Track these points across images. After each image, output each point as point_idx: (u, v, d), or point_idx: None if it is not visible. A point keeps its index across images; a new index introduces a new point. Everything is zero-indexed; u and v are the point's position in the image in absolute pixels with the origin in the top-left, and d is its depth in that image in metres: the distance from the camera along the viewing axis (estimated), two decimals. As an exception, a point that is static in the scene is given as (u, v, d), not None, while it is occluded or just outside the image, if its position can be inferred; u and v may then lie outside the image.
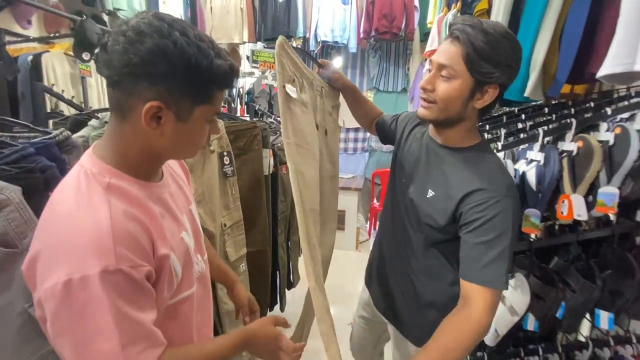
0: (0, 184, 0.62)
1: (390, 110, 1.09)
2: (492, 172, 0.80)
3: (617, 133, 0.94)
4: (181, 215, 0.68)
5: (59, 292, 0.47)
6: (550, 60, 0.95)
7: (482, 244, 0.75)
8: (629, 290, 0.98)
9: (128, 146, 0.57)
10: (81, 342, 0.50)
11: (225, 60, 0.57)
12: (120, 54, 0.50)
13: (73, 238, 0.49)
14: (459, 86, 0.76)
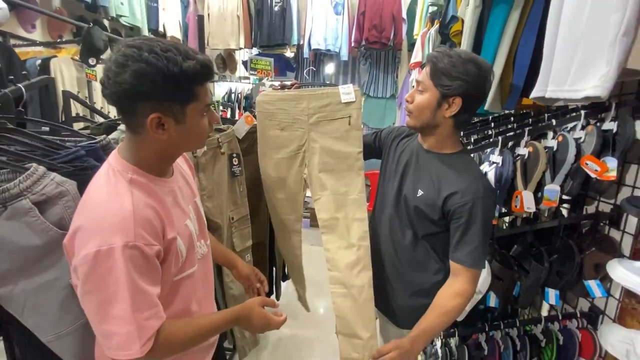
0: (61, 178, 0.78)
1: (380, 114, 1.22)
2: (472, 175, 0.98)
3: (560, 141, 1.14)
4: (187, 206, 0.82)
5: (90, 259, 0.61)
6: (506, 79, 1.14)
7: (466, 236, 0.95)
8: (570, 271, 1.18)
9: (144, 151, 0.71)
10: (102, 302, 0.64)
11: (194, 59, 0.65)
12: (113, 86, 0.62)
13: (103, 219, 0.64)
14: (427, 97, 0.96)
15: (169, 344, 0.71)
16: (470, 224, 0.94)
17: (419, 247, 1.07)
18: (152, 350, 0.68)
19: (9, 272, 0.78)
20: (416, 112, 0.99)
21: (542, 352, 1.30)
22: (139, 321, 0.65)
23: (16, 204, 0.75)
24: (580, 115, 1.16)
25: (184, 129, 0.70)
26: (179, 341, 0.73)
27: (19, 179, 0.74)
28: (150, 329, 0.67)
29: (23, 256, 0.78)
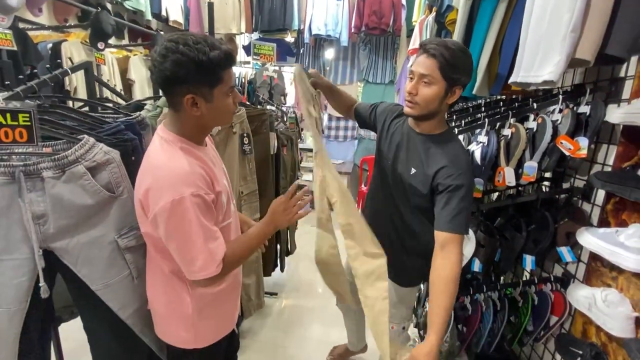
0: (108, 148, 0.91)
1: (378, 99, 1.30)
2: (456, 152, 1.09)
3: (539, 122, 1.27)
4: (220, 168, 1.00)
5: (168, 208, 0.79)
6: (493, 66, 1.27)
7: (450, 205, 1.05)
8: (545, 239, 1.33)
9: (185, 124, 0.87)
10: (182, 238, 0.83)
11: (219, 49, 0.80)
12: (158, 73, 0.79)
13: (171, 177, 0.81)
14: (436, 90, 1.04)
15: (233, 260, 0.92)
16: (455, 193, 1.04)
17: (414, 218, 1.19)
18: (224, 268, 0.89)
19: (67, 227, 0.92)
20: (423, 104, 1.06)
21: (519, 311, 1.48)
22: (211, 249, 0.85)
23: (73, 169, 0.88)
24: (559, 99, 1.29)
25: (212, 107, 0.85)
26: (237, 258, 0.93)
27: (75, 148, 0.87)
28: (219, 254, 0.87)
29: (78, 214, 0.92)
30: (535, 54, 0.91)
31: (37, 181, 0.88)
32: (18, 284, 0.90)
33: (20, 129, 0.78)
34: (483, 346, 1.51)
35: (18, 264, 0.90)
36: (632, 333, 1.06)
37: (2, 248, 0.88)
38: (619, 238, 1.08)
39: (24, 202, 0.86)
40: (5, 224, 0.87)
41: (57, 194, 0.89)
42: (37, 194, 0.88)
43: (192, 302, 0.95)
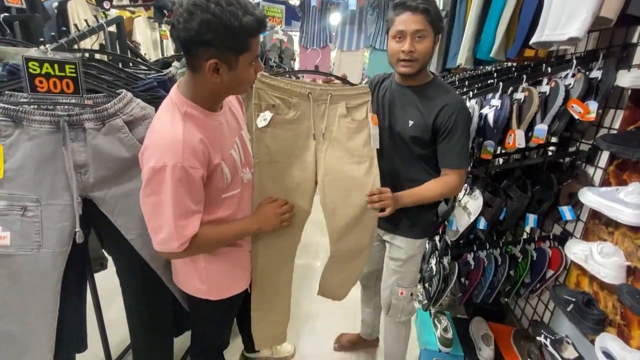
0: (144, 104, 0.95)
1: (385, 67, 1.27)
2: (449, 94, 1.17)
3: (552, 86, 1.32)
4: (232, 137, 0.97)
5: (149, 172, 0.78)
6: (511, 30, 1.28)
7: (451, 143, 1.15)
8: (548, 199, 1.42)
9: (199, 88, 0.83)
10: (153, 205, 0.81)
11: (252, 15, 0.74)
12: (182, 31, 0.73)
13: (160, 143, 0.79)
14: (430, 42, 1.11)
15: (202, 244, 0.89)
16: (455, 130, 1.13)
17: (415, 166, 1.25)
18: (188, 249, 0.86)
19: (105, 178, 0.98)
20: (422, 58, 1.12)
21: (518, 265, 1.59)
22: (178, 226, 0.81)
23: (112, 121, 0.92)
24: (573, 64, 1.32)
25: (235, 75, 0.81)
26: (209, 243, 0.93)
27: (114, 101, 0.91)
28: (186, 234, 0.84)
29: (115, 165, 0.97)
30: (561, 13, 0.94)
31: (80, 131, 0.92)
32: (61, 227, 0.96)
33: (67, 79, 0.82)
34: (483, 297, 1.64)
35: (62, 209, 0.95)
36: (623, 280, 1.17)
37: (48, 193, 0.93)
38: (619, 195, 1.16)
39: (67, 151, 0.91)
40: (51, 171, 0.92)
41: (97, 145, 0.93)
42: (79, 144, 0.93)
43: (203, 257, 0.98)
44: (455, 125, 1.13)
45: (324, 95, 1.11)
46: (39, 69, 0.81)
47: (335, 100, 1.13)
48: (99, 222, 1.07)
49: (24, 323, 0.99)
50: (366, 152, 1.16)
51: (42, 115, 0.87)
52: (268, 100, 1.08)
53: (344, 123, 1.14)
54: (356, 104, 1.16)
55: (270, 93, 1.08)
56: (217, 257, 0.99)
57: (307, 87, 1.10)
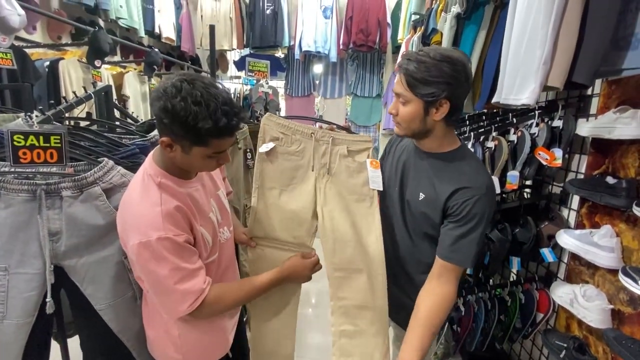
0: (124, 171, 0.97)
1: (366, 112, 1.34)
2: (473, 172, 0.93)
3: (519, 135, 1.40)
4: (209, 200, 0.95)
5: (135, 250, 0.78)
6: (476, 86, 1.39)
7: (460, 232, 0.90)
8: (529, 241, 1.45)
9: (167, 159, 0.84)
10: (152, 281, 0.82)
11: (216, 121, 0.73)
12: (150, 106, 0.83)
13: (140, 218, 0.79)
14: (413, 108, 0.91)
15: (219, 302, 0.88)
16: (470, 220, 0.89)
17: (426, 250, 1.03)
18: (201, 308, 0.85)
19: (78, 246, 0.96)
20: (404, 124, 0.95)
21: (508, 309, 1.58)
22: (182, 290, 0.81)
23: (90, 189, 0.93)
24: (535, 114, 1.43)
25: (188, 158, 0.81)
26: (229, 300, 0.91)
27: (94, 170, 0.93)
28: (192, 294, 0.83)
29: (89, 233, 0.95)
30: (514, 80, 1.04)
31: (56, 199, 0.92)
32: (28, 297, 0.93)
33: (51, 150, 0.84)
34: (476, 345, 1.60)
35: (30, 278, 0.92)
36: (608, 323, 1.17)
37: (17, 261, 0.91)
38: (593, 238, 1.19)
39: (42, 219, 0.90)
40: (23, 238, 0.90)
41: (72, 212, 0.92)
42: (55, 212, 0.92)
43: (175, 324, 0.93)
44: (470, 215, 0.89)
45: (326, 137, 1.14)
46: (24, 141, 0.83)
47: (337, 143, 1.14)
48: (69, 290, 1.03)
49: None
50: (366, 191, 1.13)
51: (20, 184, 0.87)
52: (272, 134, 1.11)
53: (344, 162, 1.15)
54: (357, 148, 1.15)
55: (276, 129, 1.12)
56: (192, 324, 0.94)
57: (311, 128, 1.14)
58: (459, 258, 0.91)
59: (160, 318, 0.94)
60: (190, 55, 4.22)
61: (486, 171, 0.99)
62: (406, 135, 0.99)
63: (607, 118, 1.14)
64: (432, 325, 0.87)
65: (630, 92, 1.15)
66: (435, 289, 0.92)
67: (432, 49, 0.90)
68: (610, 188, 1.14)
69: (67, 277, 0.98)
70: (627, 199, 1.09)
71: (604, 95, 1.26)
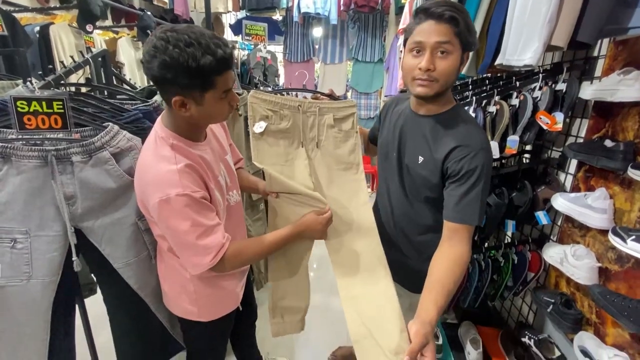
0: (130, 135, 0.99)
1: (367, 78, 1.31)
2: (468, 130, 0.92)
3: (521, 99, 1.40)
4: (218, 163, 1.00)
5: (157, 207, 0.81)
6: (480, 49, 1.36)
7: (462, 191, 0.89)
8: (524, 205, 1.49)
9: (177, 122, 0.86)
10: (174, 236, 0.86)
11: (213, 54, 0.74)
12: (146, 70, 0.76)
13: (156, 178, 0.82)
14: (455, 59, 0.86)
15: (238, 256, 0.93)
16: (469, 176, 0.89)
17: (427, 212, 1.05)
18: (222, 262, 0.89)
19: (92, 208, 1.00)
20: (443, 79, 0.88)
21: (501, 270, 1.65)
22: (202, 245, 0.86)
23: (99, 154, 0.95)
24: (539, 77, 1.41)
25: (203, 110, 0.82)
26: (248, 254, 0.95)
27: (101, 135, 0.94)
28: (213, 249, 0.87)
29: (102, 196, 1.00)
30: (518, 40, 1.02)
31: (67, 165, 0.95)
32: (51, 258, 0.98)
33: (55, 116, 0.84)
34: (469, 302, 1.70)
35: (50, 240, 0.98)
36: (595, 281, 1.24)
37: (37, 225, 0.95)
38: (587, 201, 1.23)
39: (56, 184, 0.93)
40: (40, 204, 0.95)
41: (84, 177, 0.96)
42: (67, 177, 0.96)
43: (191, 279, 0.99)
44: (469, 172, 0.88)
45: (312, 107, 1.18)
46: (27, 107, 0.84)
47: (323, 112, 1.19)
48: (87, 251, 1.09)
49: (15, 350, 1.01)
50: (352, 159, 1.22)
51: (30, 150, 0.89)
52: (261, 112, 1.13)
53: (331, 133, 1.20)
54: (343, 115, 1.21)
55: (263, 106, 1.13)
56: (206, 281, 1.01)
57: (297, 100, 1.17)
58: (466, 216, 0.89)
59: (176, 275, 1.00)
60: (183, 19, 4.05)
61: (480, 128, 0.98)
62: (436, 93, 0.91)
63: (611, 80, 1.13)
64: (447, 284, 0.83)
65: (636, 53, 1.13)
66: (447, 251, 0.89)
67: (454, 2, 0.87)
68: (608, 151, 1.16)
69: (85, 239, 1.04)
70: (623, 162, 1.12)
71: (609, 57, 1.24)
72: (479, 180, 0.88)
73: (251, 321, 1.46)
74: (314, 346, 1.91)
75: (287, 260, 1.18)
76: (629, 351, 1.13)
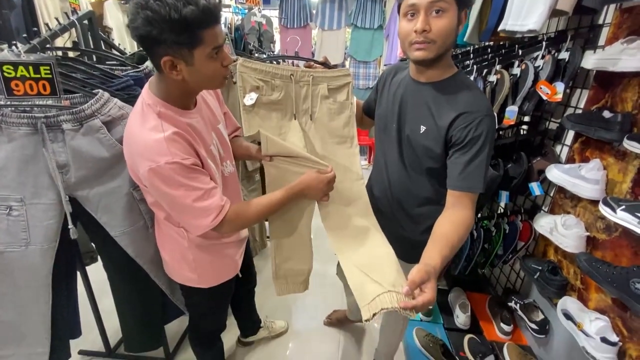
0: (121, 103, 0.96)
1: (367, 46, 1.26)
2: (472, 96, 0.90)
3: (522, 69, 1.36)
4: (209, 132, 0.94)
5: (147, 176, 0.79)
6: (484, 15, 1.31)
7: (466, 158, 0.87)
8: (519, 176, 1.50)
9: (168, 87, 0.82)
10: (170, 203, 0.84)
11: (195, 4, 0.69)
12: (132, 31, 0.72)
13: (142, 147, 0.79)
14: (451, 18, 0.83)
15: (240, 217, 0.91)
16: (473, 144, 0.87)
17: (426, 183, 1.02)
18: (223, 223, 0.87)
19: (86, 177, 1.00)
20: (440, 40, 0.85)
21: (492, 239, 1.70)
22: (201, 207, 0.84)
23: (90, 122, 0.93)
24: (542, 46, 1.37)
25: (195, 70, 0.78)
26: (249, 215, 0.93)
27: (91, 102, 0.92)
28: (213, 210, 0.85)
29: (96, 165, 0.99)
30: (522, 5, 0.98)
31: (58, 133, 0.93)
32: (47, 225, 1.00)
33: (43, 81, 0.82)
34: (460, 270, 1.76)
35: (46, 207, 0.98)
36: (582, 249, 1.28)
37: (31, 193, 0.96)
38: (580, 172, 1.24)
39: (48, 152, 0.92)
40: (33, 171, 0.94)
41: (76, 145, 0.94)
42: (59, 145, 0.94)
43: (189, 248, 0.99)
44: (474, 139, 0.87)
45: (305, 77, 1.13)
46: (14, 72, 0.81)
47: (317, 82, 1.14)
48: (85, 220, 1.10)
49: (20, 312, 1.06)
50: (346, 133, 1.19)
51: (19, 117, 0.87)
52: (252, 82, 1.09)
53: (325, 104, 1.17)
54: (337, 85, 1.17)
55: (254, 76, 1.09)
56: (205, 250, 1.03)
57: (289, 69, 1.12)
58: (470, 184, 0.88)
59: (174, 244, 1.02)
60: (174, -21, 3.82)
61: (483, 94, 0.95)
62: (435, 56, 0.88)
63: (614, 49, 1.10)
64: (451, 239, 0.82)
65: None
66: (452, 215, 0.88)
67: None
68: (605, 122, 1.16)
69: (82, 209, 1.05)
70: (619, 133, 1.12)
71: (614, 25, 1.20)
72: (484, 147, 0.87)
73: (250, 286, 1.51)
74: (310, 310, 1.99)
75: (289, 222, 1.14)
76: (609, 315, 1.20)
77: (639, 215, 0.98)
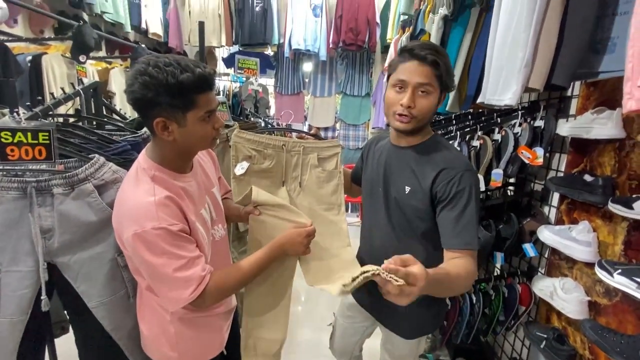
0: (116, 167, 0.97)
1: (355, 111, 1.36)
2: (450, 154, 0.97)
3: (503, 135, 1.45)
4: (203, 196, 0.94)
5: (131, 241, 0.77)
6: (462, 86, 1.44)
7: (455, 214, 0.89)
8: (512, 237, 1.50)
9: (162, 151, 0.84)
10: (150, 271, 0.81)
11: (192, 72, 0.74)
12: (129, 95, 0.76)
13: (132, 210, 0.79)
14: (434, 99, 0.93)
15: (221, 288, 0.87)
16: (459, 198, 0.89)
17: (419, 247, 1.01)
18: (203, 296, 0.83)
19: (71, 242, 0.95)
20: (421, 116, 0.93)
21: (492, 303, 1.63)
22: (181, 278, 0.80)
23: (82, 186, 0.92)
24: (518, 115, 1.48)
25: (186, 132, 0.80)
26: (231, 284, 0.90)
27: (85, 166, 0.92)
28: (193, 282, 0.81)
29: (82, 229, 0.95)
30: (498, 81, 1.09)
31: (47, 197, 0.91)
32: (21, 295, 0.92)
33: (39, 147, 0.83)
34: (462, 337, 1.65)
35: (22, 275, 0.92)
36: (586, 314, 1.23)
37: (10, 259, 0.90)
38: (571, 233, 1.25)
39: (33, 217, 0.89)
40: (15, 236, 0.90)
41: (64, 210, 0.92)
42: (46, 209, 0.92)
43: (172, 322, 0.93)
44: (459, 192, 0.89)
45: (297, 147, 1.18)
46: (11, 138, 0.82)
47: (308, 152, 1.19)
48: (62, 288, 1.03)
49: None
50: (334, 200, 1.22)
51: (10, 182, 0.86)
52: (245, 152, 1.13)
53: (314, 173, 1.20)
54: (327, 155, 1.22)
55: (247, 146, 1.13)
56: (188, 324, 0.95)
57: (282, 140, 1.17)
58: (466, 240, 0.88)
59: (156, 315, 0.94)
60: (177, 52, 4.16)
61: (461, 153, 1.03)
62: (413, 129, 0.96)
63: (585, 118, 1.20)
64: (450, 272, 0.80)
65: (607, 93, 1.21)
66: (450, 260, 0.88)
67: (431, 43, 0.96)
68: (588, 185, 1.20)
69: (60, 275, 0.98)
70: (603, 196, 1.15)
71: (582, 97, 1.32)
72: (470, 201, 0.90)
73: None
74: None
75: (267, 281, 1.08)
76: (624, 389, 1.11)
77: (636, 280, 0.96)
